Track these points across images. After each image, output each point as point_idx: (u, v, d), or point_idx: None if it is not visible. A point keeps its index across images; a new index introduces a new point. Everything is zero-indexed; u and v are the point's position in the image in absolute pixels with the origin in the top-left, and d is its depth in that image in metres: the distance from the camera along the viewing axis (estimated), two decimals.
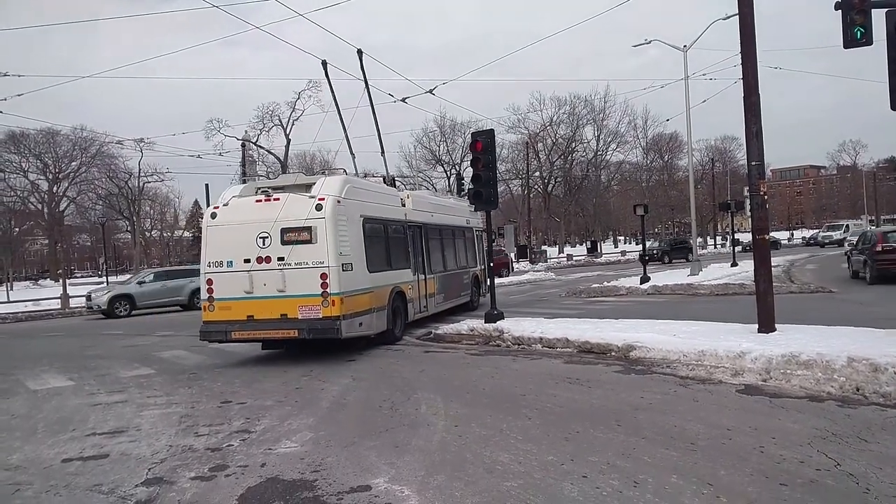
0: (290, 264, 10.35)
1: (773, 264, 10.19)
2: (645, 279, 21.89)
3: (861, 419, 5.60)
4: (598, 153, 74.34)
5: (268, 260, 10.47)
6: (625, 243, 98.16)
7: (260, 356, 11.51)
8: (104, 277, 59.45)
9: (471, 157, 13.39)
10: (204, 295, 10.86)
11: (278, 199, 10.66)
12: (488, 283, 14.43)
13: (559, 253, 71.56)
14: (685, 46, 24.58)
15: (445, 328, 12.56)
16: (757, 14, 9.70)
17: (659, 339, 9.13)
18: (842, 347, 7.29)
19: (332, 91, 16.12)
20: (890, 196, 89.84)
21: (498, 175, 14.07)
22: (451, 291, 16.20)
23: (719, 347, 8.14)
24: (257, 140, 56.59)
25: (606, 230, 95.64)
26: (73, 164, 64.44)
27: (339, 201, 10.64)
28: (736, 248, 33.01)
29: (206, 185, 37.87)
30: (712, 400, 6.57)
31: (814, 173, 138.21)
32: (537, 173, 69.72)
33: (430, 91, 20.93)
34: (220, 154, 41.05)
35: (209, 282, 10.78)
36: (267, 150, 57.90)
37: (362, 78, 16.25)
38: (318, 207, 10.36)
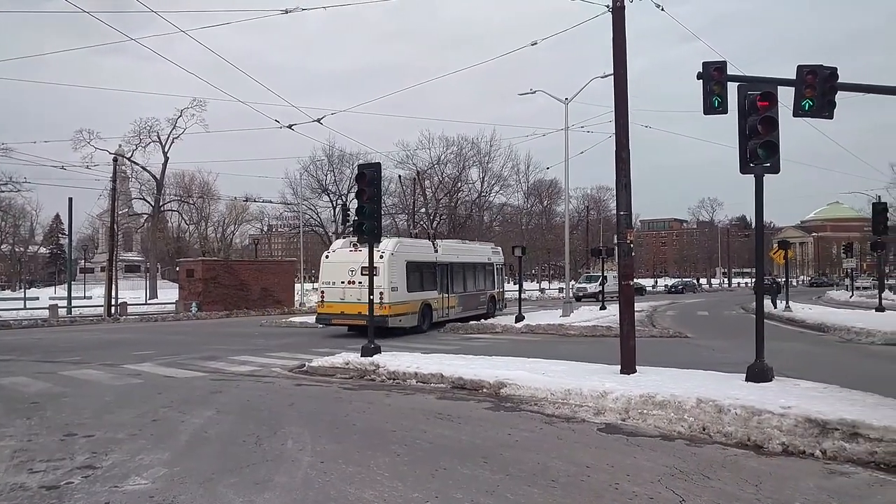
0: (364, 285, 15.86)
1: (637, 309, 10.84)
2: (520, 318, 22.54)
3: (705, 457, 6.00)
4: (483, 194, 76.29)
5: (352, 283, 19.54)
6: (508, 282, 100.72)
7: (123, 385, 10.70)
8: None
9: (357, 189, 13.38)
10: (319, 298, 20.58)
11: (361, 250, 18.03)
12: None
13: None
14: (567, 99, 25.98)
15: (319, 361, 12.27)
16: (632, 76, 10.48)
17: (529, 378, 9.39)
18: (692, 389, 7.83)
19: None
20: (741, 251, 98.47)
21: (384, 209, 14.60)
22: (469, 305, 24.71)
23: (584, 387, 8.49)
24: (132, 156, 53.51)
25: None
26: None
27: (392, 254, 19.58)
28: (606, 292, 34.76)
29: (70, 199, 35.26)
30: (575, 438, 6.82)
31: (677, 226, 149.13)
32: (423, 209, 70.51)
33: (318, 120, 20.77)
34: (88, 167, 38.34)
35: (322, 293, 20.40)
36: (142, 167, 54.83)
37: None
38: (381, 256, 18.69)
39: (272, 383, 10.91)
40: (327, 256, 20.93)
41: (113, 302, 31.38)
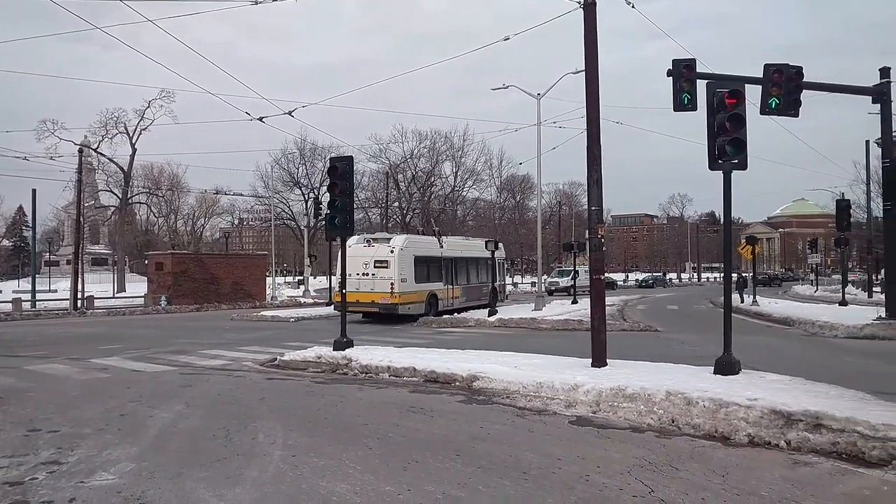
0: (377, 277, 21.55)
1: (608, 303, 10.96)
2: (493, 312, 22.65)
3: (674, 449, 6.10)
4: (456, 189, 76.38)
5: (366, 274, 22.22)
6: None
7: (89, 379, 10.51)
8: None
9: (329, 182, 13.28)
10: (337, 288, 22.05)
11: (374, 245, 22.53)
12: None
13: None
14: (539, 94, 26.10)
15: (291, 355, 12.18)
16: (603, 72, 10.55)
17: (501, 371, 9.44)
18: (662, 382, 7.94)
19: None
20: (710, 246, 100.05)
21: (357, 202, 14.52)
22: (471, 296, 27.45)
23: (556, 380, 8.56)
24: (98, 147, 52.47)
25: None
26: None
27: (402, 249, 22.56)
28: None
29: (34, 191, 34.52)
30: (546, 430, 6.87)
31: (648, 221, 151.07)
32: (396, 204, 70.31)
33: (290, 113, 20.57)
34: (53, 158, 37.54)
35: (339, 283, 19.83)
36: (109, 159, 53.76)
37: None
38: (392, 251, 22.37)
39: (243, 377, 10.81)
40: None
41: (79, 295, 30.78)
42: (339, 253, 21.47)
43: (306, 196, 67.30)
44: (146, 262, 38.39)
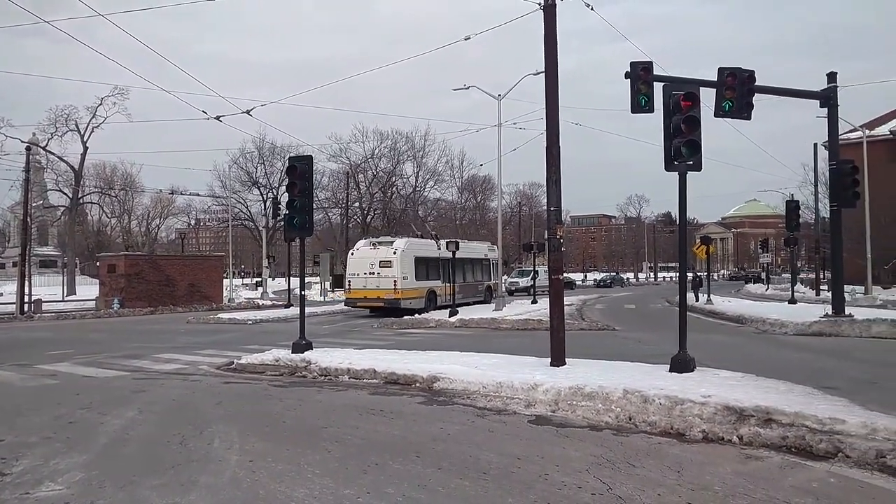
0: (382, 275, 24.37)
1: (567, 303, 11.06)
2: (454, 312, 22.67)
3: (631, 446, 6.19)
4: (417, 189, 76.29)
5: (372, 273, 25.12)
6: None
7: (36, 386, 10.15)
8: None
9: (288, 182, 13.12)
10: (346, 286, 26.68)
11: (378, 248, 25.47)
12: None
13: None
14: (499, 95, 26.25)
15: (249, 358, 11.98)
16: (563, 74, 10.66)
17: (461, 371, 9.45)
18: (619, 380, 8.05)
19: None
20: (666, 246, 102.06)
21: (317, 203, 14.35)
22: (468, 293, 29.68)
23: (515, 379, 8.61)
24: (47, 145, 50.78)
25: None
26: None
27: (403, 251, 25.58)
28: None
29: None
30: (506, 430, 6.90)
31: (606, 221, 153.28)
32: (357, 204, 69.89)
33: (248, 112, 20.28)
34: None
35: (349, 281, 26.29)
36: (58, 157, 52.07)
37: None
38: (395, 252, 25.42)
39: (199, 381, 10.59)
40: (352, 253, 27.49)
41: (26, 299, 29.74)
42: (349, 254, 27.77)
43: (265, 196, 66.24)
44: (98, 263, 37.33)
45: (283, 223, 15.80)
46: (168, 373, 11.59)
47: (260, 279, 51.73)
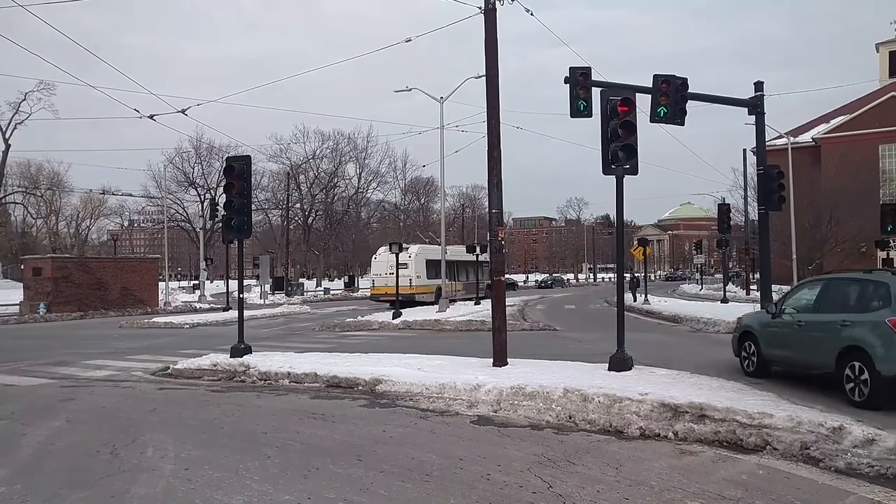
0: (400, 275, 24.83)
1: (509, 304, 11.16)
2: (397, 314, 22.59)
3: (572, 444, 6.30)
4: (360, 190, 75.82)
5: (391, 274, 26.42)
6: None
7: None
8: None
9: (225, 183, 12.81)
10: (371, 284, 35.80)
11: (395, 252, 24.28)
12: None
13: (317, 286, 70.92)
14: (442, 98, 26.32)
15: (185, 363, 11.64)
16: (505, 78, 10.76)
17: (404, 373, 9.42)
18: (560, 380, 8.18)
19: None
20: (605, 248, 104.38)
21: (256, 204, 13.97)
22: (468, 290, 35.06)
23: (458, 380, 8.63)
24: None
25: (365, 266, 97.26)
26: None
27: (416, 254, 33.50)
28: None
29: None
30: (449, 431, 6.91)
31: (547, 224, 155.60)
32: (298, 205, 68.90)
33: (183, 111, 19.71)
34: None
35: (373, 280, 34.80)
36: None
37: None
38: (410, 256, 32.10)
39: (132, 388, 10.22)
40: (376, 257, 34.97)
41: None
42: (372, 258, 35.59)
43: (202, 197, 64.63)
44: (22, 266, 35.57)
45: (221, 224, 15.38)
46: (99, 380, 11.14)
47: (197, 282, 50.32)
